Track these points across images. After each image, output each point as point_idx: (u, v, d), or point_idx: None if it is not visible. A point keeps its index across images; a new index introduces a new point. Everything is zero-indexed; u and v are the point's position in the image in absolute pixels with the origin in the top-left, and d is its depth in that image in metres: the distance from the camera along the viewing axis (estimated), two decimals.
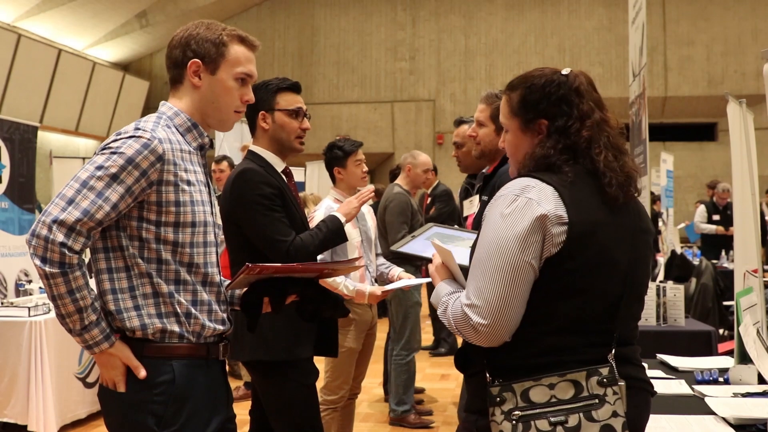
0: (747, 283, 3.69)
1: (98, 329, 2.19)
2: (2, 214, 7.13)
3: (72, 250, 2.09)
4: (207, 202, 2.36)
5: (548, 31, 18.05)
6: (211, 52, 2.36)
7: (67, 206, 2.10)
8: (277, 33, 18.85)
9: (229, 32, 2.39)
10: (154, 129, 2.25)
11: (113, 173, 2.14)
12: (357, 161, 4.56)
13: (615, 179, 2.05)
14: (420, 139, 18.65)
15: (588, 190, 2.04)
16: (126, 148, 2.16)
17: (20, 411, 5.62)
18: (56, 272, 2.10)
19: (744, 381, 3.20)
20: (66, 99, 15.89)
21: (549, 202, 1.96)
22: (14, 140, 7.32)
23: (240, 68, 2.39)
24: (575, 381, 1.95)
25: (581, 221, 1.96)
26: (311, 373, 3.38)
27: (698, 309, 7.84)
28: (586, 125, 2.10)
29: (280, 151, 3.43)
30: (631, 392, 1.99)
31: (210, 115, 2.40)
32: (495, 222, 2.00)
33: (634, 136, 6.67)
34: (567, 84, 2.15)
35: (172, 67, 2.40)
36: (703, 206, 11.94)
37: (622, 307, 2.03)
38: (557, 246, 1.95)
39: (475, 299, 1.96)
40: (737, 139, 4.27)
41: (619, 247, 2.04)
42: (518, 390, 1.97)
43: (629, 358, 2.08)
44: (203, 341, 2.32)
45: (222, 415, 2.38)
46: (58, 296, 2.14)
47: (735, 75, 17.22)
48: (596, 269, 1.99)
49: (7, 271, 7.11)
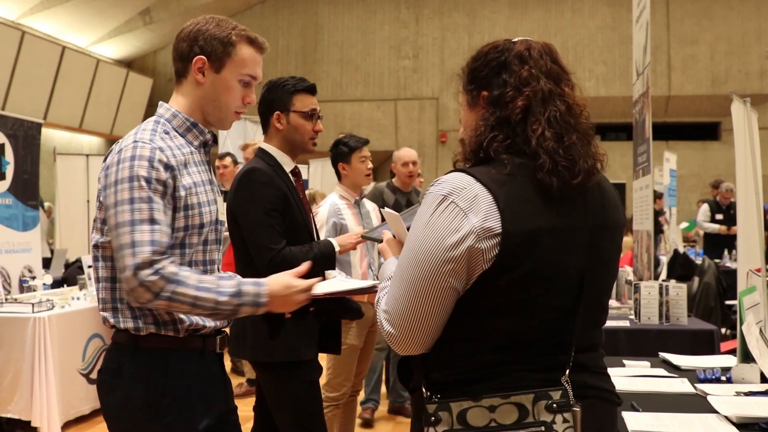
0: (750, 282, 3.69)
1: (247, 298, 2.21)
2: (6, 210, 7.14)
3: (163, 278, 2.10)
4: (213, 201, 2.37)
5: (552, 30, 18.03)
6: (218, 50, 2.34)
7: (134, 248, 2.10)
8: (281, 31, 18.85)
9: (238, 31, 2.37)
10: (152, 139, 2.24)
11: (146, 197, 2.15)
12: (362, 158, 4.59)
13: (551, 162, 1.76)
14: (423, 137, 18.65)
15: (531, 185, 1.76)
16: (138, 168, 2.16)
17: (24, 407, 5.64)
18: (164, 303, 2.12)
19: (746, 380, 3.20)
20: (70, 96, 15.90)
21: (478, 212, 1.71)
22: (18, 137, 7.34)
23: (245, 70, 2.38)
24: (520, 404, 1.71)
25: (517, 231, 1.71)
26: (315, 370, 3.40)
27: (701, 308, 7.86)
28: (524, 93, 1.82)
29: (291, 150, 3.45)
30: (587, 403, 1.77)
31: (210, 113, 2.39)
32: (418, 228, 1.79)
33: (638, 134, 6.67)
34: (512, 50, 1.88)
35: (177, 59, 2.39)
36: (706, 205, 11.93)
37: (578, 318, 1.79)
38: (488, 262, 1.71)
39: (388, 306, 1.81)
40: (741, 138, 4.27)
41: (570, 252, 1.79)
42: (455, 410, 1.74)
43: (586, 365, 1.84)
44: (199, 335, 2.34)
45: (219, 408, 2.39)
46: (191, 311, 2.17)
47: (738, 74, 17.20)
48: (539, 282, 1.75)
49: (11, 267, 7.12)
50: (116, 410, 2.28)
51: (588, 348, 1.87)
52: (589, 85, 17.72)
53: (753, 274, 3.69)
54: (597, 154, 1.86)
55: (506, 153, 1.79)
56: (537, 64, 1.86)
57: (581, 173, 1.79)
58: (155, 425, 2.23)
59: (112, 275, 2.27)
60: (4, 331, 5.70)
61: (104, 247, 2.27)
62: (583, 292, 1.80)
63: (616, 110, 16.57)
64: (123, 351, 2.28)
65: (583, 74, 17.81)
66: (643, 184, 6.45)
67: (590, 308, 1.83)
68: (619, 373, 3.34)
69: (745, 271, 3.94)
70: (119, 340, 2.30)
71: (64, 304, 6.13)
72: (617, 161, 16.50)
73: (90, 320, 6.21)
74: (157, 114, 2.40)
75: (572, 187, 1.78)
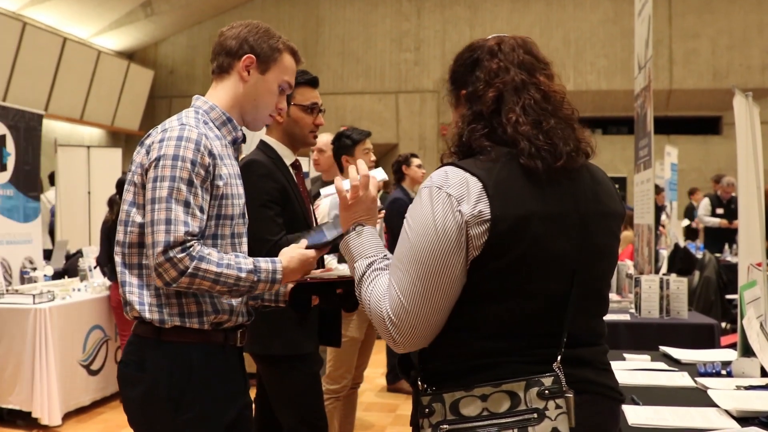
0: (751, 277, 3.69)
1: (263, 275, 2.27)
2: (7, 201, 7.15)
3: (189, 256, 2.14)
4: (241, 196, 2.44)
5: (553, 23, 17.99)
6: (266, 53, 2.46)
7: (168, 226, 2.14)
8: (282, 23, 18.80)
9: (284, 41, 2.53)
10: (197, 125, 2.30)
11: (188, 179, 2.19)
12: (365, 150, 4.61)
13: (531, 146, 1.79)
14: (424, 130, 18.63)
15: (517, 171, 1.79)
16: (185, 150, 2.21)
17: (25, 398, 5.65)
18: (188, 280, 2.15)
19: (747, 374, 3.20)
20: (71, 87, 15.87)
21: (469, 199, 1.74)
22: (19, 128, 7.34)
23: (286, 77, 2.51)
24: (512, 392, 1.72)
25: (506, 216, 1.73)
26: (315, 362, 3.40)
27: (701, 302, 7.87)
28: (494, 85, 1.86)
29: (292, 143, 3.44)
30: (588, 398, 1.78)
31: (248, 111, 2.48)
32: (416, 225, 1.79)
33: (639, 128, 6.66)
34: (484, 47, 1.92)
35: (223, 54, 2.47)
36: (707, 199, 11.93)
37: (571, 305, 1.79)
38: (478, 248, 1.74)
39: (393, 308, 1.78)
40: (743, 132, 4.27)
41: (561, 238, 1.79)
42: (448, 401, 1.75)
43: (588, 360, 1.85)
44: (221, 329, 2.35)
45: (239, 402, 2.41)
46: (212, 288, 2.19)
47: (740, 68, 17.16)
48: (530, 267, 1.76)
49: (11, 258, 7.13)
50: (138, 404, 2.30)
51: (588, 342, 1.87)
52: (590, 78, 17.69)
53: (754, 269, 3.69)
54: (582, 139, 1.88)
55: (488, 142, 1.83)
56: (508, 57, 1.89)
57: (564, 155, 1.81)
58: (178, 419, 2.25)
59: (139, 262, 2.29)
60: (5, 323, 5.72)
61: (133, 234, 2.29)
62: (576, 279, 1.80)
63: (617, 104, 16.55)
64: (145, 344, 2.30)
65: (584, 68, 17.78)
66: (644, 178, 6.45)
67: (585, 296, 1.84)
68: (620, 367, 3.35)
69: (746, 266, 3.94)
70: (141, 333, 2.31)
71: (64, 295, 6.14)
72: (618, 155, 16.49)
73: (91, 312, 6.23)
74: (194, 105, 2.46)
75: (557, 171, 1.80)
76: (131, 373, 2.31)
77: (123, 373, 2.34)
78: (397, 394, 6.82)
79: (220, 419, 2.32)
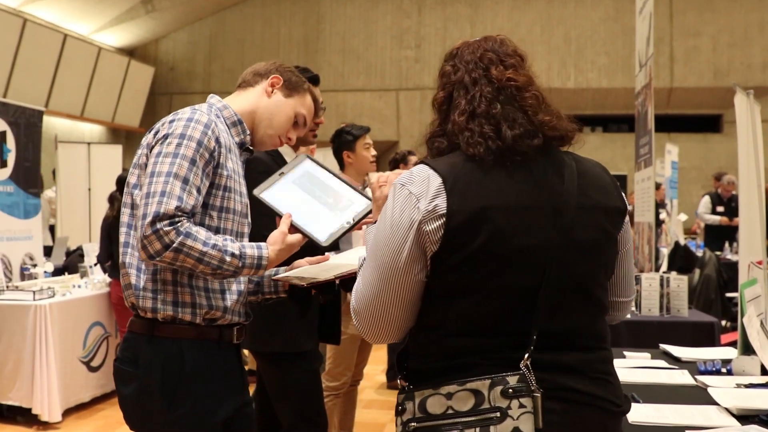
0: (751, 274, 3.69)
1: (248, 260, 2.26)
2: (8, 198, 7.15)
3: (177, 231, 2.12)
4: (245, 195, 2.45)
5: (554, 21, 17.98)
6: (293, 81, 2.59)
7: (162, 197, 2.12)
8: (283, 20, 18.79)
9: (309, 85, 2.69)
10: (209, 113, 2.34)
11: (191, 157, 2.21)
12: (366, 145, 4.61)
13: (467, 135, 1.79)
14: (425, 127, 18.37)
15: (477, 166, 1.77)
16: (192, 131, 2.24)
17: (25, 394, 5.66)
18: (172, 255, 2.12)
19: (747, 372, 3.20)
20: (71, 84, 15.87)
21: (428, 195, 1.74)
22: (20, 124, 7.34)
23: (304, 111, 2.60)
24: (476, 390, 1.68)
25: (462, 210, 1.71)
26: (315, 359, 3.40)
27: (701, 300, 7.87)
28: (444, 87, 1.91)
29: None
30: (571, 407, 1.72)
31: (260, 125, 2.53)
32: (380, 221, 1.84)
33: (640, 126, 6.66)
34: (466, 47, 1.93)
35: (251, 73, 2.59)
36: (707, 197, 11.93)
37: (541, 302, 1.72)
38: (436, 243, 1.73)
39: (355, 297, 1.85)
40: (744, 130, 4.27)
41: (530, 231, 1.74)
42: (417, 399, 1.75)
43: (572, 367, 1.76)
44: (216, 325, 2.35)
45: (236, 399, 2.40)
46: (195, 266, 2.17)
47: (741, 67, 17.15)
48: (492, 260, 1.72)
49: (12, 254, 7.13)
50: (132, 400, 2.30)
51: (577, 346, 1.79)
52: (591, 76, 17.68)
53: (754, 267, 3.69)
54: (543, 122, 1.82)
55: (447, 142, 1.87)
56: (463, 58, 1.90)
57: (509, 139, 1.77)
58: (171, 416, 2.25)
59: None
60: (5, 319, 5.72)
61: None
62: (548, 275, 1.73)
63: (618, 102, 16.54)
64: (139, 340, 2.29)
65: (585, 65, 17.76)
66: (644, 176, 6.45)
67: (562, 294, 1.76)
68: (620, 365, 3.34)
69: (746, 264, 3.94)
70: (136, 329, 2.31)
71: (65, 291, 6.14)
72: (619, 153, 16.48)
73: (91, 308, 6.23)
74: (208, 102, 2.50)
75: (506, 154, 1.77)
76: (125, 370, 2.31)
77: (117, 370, 2.35)
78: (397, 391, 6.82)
79: (215, 416, 2.31)
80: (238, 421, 2.42)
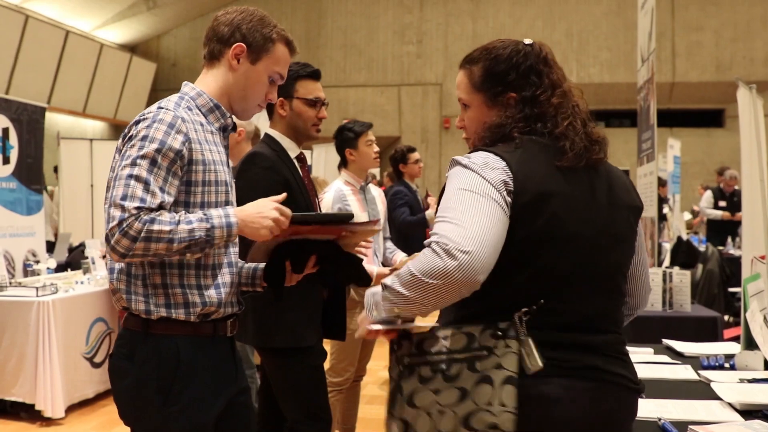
0: (754, 270, 3.69)
1: (215, 220, 2.19)
2: (10, 194, 7.15)
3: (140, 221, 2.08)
4: (229, 183, 2.40)
5: (556, 16, 17.96)
6: (258, 42, 2.41)
7: (124, 201, 2.09)
8: (284, 15, 18.78)
9: (278, 31, 2.46)
10: (176, 109, 2.28)
11: (151, 158, 2.16)
12: (368, 141, 4.57)
13: (576, 144, 1.92)
14: (427, 123, 18.61)
15: (541, 158, 1.90)
16: (154, 131, 2.19)
17: (28, 390, 5.66)
18: (143, 245, 2.09)
19: (750, 367, 3.20)
20: (73, 80, 15.89)
21: (491, 172, 1.83)
22: (22, 121, 7.34)
23: (277, 68, 2.46)
24: (469, 333, 1.82)
25: (526, 190, 1.82)
26: (319, 355, 3.40)
27: (704, 295, 7.86)
28: (557, 93, 2.00)
29: (296, 137, 3.44)
30: (595, 385, 1.85)
31: (236, 101, 2.44)
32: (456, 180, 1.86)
33: (642, 121, 6.65)
34: (534, 53, 2.03)
35: (214, 40, 2.43)
36: (709, 192, 11.92)
37: (580, 285, 1.88)
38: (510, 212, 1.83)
39: (451, 234, 1.74)
40: (747, 124, 4.26)
41: (579, 220, 1.88)
42: (415, 339, 1.90)
43: (596, 347, 1.89)
44: (209, 321, 2.35)
45: (230, 391, 2.40)
46: (169, 248, 2.13)
47: (743, 61, 17.13)
48: (544, 243, 1.84)
49: (15, 251, 7.14)
50: (127, 395, 2.30)
51: (600, 329, 1.92)
52: (593, 71, 17.67)
53: (757, 262, 3.68)
54: (599, 136, 2.02)
55: (518, 134, 1.95)
56: (557, 67, 2.05)
57: (597, 152, 1.97)
58: (166, 411, 2.25)
59: None
60: (8, 315, 5.72)
61: None
62: (589, 263, 1.89)
63: (620, 97, 16.53)
64: (134, 336, 2.29)
65: (587, 60, 17.75)
66: (647, 171, 6.44)
67: (595, 279, 1.91)
68: None
69: (749, 259, 3.94)
70: (131, 326, 2.31)
71: (67, 288, 6.14)
72: (621, 148, 16.45)
73: (94, 304, 6.23)
74: (181, 92, 2.43)
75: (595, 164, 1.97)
76: (121, 365, 2.31)
77: (113, 365, 2.35)
78: None
79: (209, 411, 2.31)
80: (233, 409, 2.42)
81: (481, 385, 1.78)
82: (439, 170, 18.25)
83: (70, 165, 11.29)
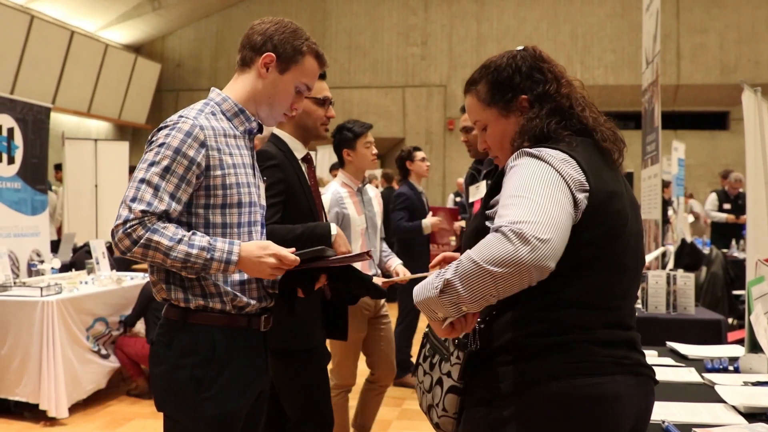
0: (759, 272, 3.68)
1: (217, 253, 2.30)
2: (15, 194, 7.16)
3: (144, 227, 2.23)
4: (253, 184, 2.50)
5: (561, 18, 17.96)
6: (288, 53, 2.51)
7: (132, 203, 2.23)
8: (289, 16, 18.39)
9: (309, 44, 2.55)
10: (197, 117, 2.39)
11: (165, 165, 2.28)
12: (367, 143, 4.52)
13: (606, 134, 2.00)
14: (431, 124, 18.62)
15: (597, 157, 1.94)
16: (171, 139, 2.31)
17: (32, 390, 5.67)
18: (141, 250, 2.25)
19: (754, 370, 3.19)
20: (78, 81, 15.92)
21: (568, 168, 1.82)
22: (27, 121, 7.35)
23: (305, 79, 2.55)
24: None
25: (599, 189, 1.84)
26: (322, 356, 3.40)
27: (708, 298, 7.84)
28: (563, 83, 2.04)
29: (304, 137, 3.45)
30: (643, 381, 1.93)
31: (262, 108, 2.54)
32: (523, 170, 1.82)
33: (647, 123, 6.65)
34: (529, 54, 2.09)
35: (248, 48, 2.54)
36: (714, 194, 11.90)
37: (631, 282, 1.96)
38: (579, 214, 1.80)
39: (528, 218, 1.68)
40: (751, 127, 4.26)
41: (630, 217, 1.94)
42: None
43: (635, 342, 1.97)
44: (244, 313, 2.45)
45: (261, 383, 2.54)
46: (165, 261, 2.27)
47: (748, 63, 17.11)
48: (609, 242, 1.86)
49: (19, 251, 7.14)
50: (163, 381, 2.41)
51: (631, 325, 1.99)
52: (597, 73, 17.66)
53: (762, 264, 3.67)
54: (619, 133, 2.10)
55: (567, 132, 1.96)
56: (554, 61, 2.10)
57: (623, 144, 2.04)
58: (198, 397, 2.36)
59: None
60: (12, 315, 5.73)
61: None
62: (635, 257, 1.96)
63: (624, 99, 16.51)
64: (173, 326, 2.41)
65: (592, 62, 17.74)
66: (651, 173, 6.43)
67: (637, 276, 2.00)
68: None
69: (754, 261, 3.93)
70: (170, 316, 2.43)
71: (72, 288, 6.15)
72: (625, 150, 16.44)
73: (97, 304, 6.23)
74: (207, 97, 2.54)
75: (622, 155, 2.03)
76: (159, 352, 2.42)
77: (153, 352, 2.46)
78: (404, 388, 6.82)
79: (240, 399, 2.43)
80: (255, 408, 2.55)
81: (436, 387, 2.02)
82: (443, 171, 18.25)
83: (74, 165, 11.30)
